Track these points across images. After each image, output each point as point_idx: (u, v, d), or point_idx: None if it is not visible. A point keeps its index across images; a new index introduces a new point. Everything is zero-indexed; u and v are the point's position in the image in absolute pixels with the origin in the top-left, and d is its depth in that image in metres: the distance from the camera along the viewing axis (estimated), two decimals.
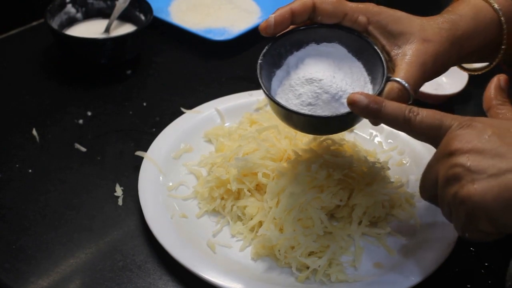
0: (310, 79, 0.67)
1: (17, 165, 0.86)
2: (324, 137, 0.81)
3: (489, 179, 0.53)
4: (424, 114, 0.60)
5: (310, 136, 0.82)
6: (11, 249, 0.75)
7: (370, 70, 0.69)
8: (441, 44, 0.67)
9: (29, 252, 0.74)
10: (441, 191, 0.58)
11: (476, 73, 0.78)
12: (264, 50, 0.70)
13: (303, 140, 0.83)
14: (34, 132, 0.91)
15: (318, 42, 0.71)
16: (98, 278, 0.72)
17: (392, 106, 0.62)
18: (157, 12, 1.12)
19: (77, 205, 0.81)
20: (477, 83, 1.05)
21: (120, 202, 0.81)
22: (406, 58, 0.67)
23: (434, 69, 0.68)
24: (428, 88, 1.01)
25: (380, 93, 0.65)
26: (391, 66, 0.68)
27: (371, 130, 0.93)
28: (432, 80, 1.05)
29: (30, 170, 0.85)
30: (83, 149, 0.89)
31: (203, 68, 1.09)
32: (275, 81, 0.70)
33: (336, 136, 0.84)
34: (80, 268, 0.73)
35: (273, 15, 0.68)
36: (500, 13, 0.71)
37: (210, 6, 1.22)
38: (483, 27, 0.70)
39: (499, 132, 0.56)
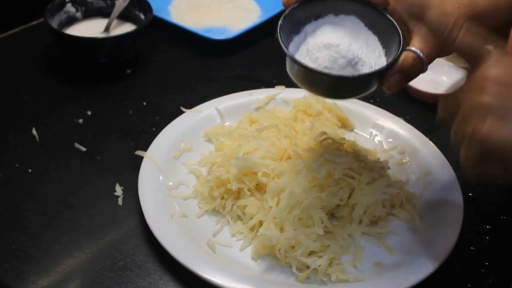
0: (328, 43, 0.68)
1: (16, 165, 0.86)
2: (324, 136, 0.81)
3: None
4: (469, 32, 0.57)
5: (311, 136, 0.82)
6: (11, 248, 0.74)
7: (386, 43, 0.70)
8: (458, 18, 0.67)
9: (28, 251, 0.74)
10: (462, 120, 0.54)
11: None
12: (285, 13, 0.69)
13: (303, 139, 0.83)
14: (34, 131, 0.91)
15: (336, 13, 0.71)
16: (98, 277, 0.72)
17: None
18: (157, 11, 1.12)
19: (77, 205, 0.81)
20: None
21: (120, 201, 0.81)
22: (422, 29, 0.67)
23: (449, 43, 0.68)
24: (428, 87, 1.01)
25: (395, 61, 0.66)
26: (408, 38, 0.68)
27: (371, 130, 0.93)
28: (432, 79, 1.06)
29: (29, 170, 0.85)
30: (83, 149, 0.89)
31: (203, 67, 1.09)
32: (291, 46, 0.70)
33: (336, 135, 0.84)
34: (80, 268, 0.73)
35: None
36: None
37: (210, 5, 1.22)
38: (502, 6, 0.69)
39: None
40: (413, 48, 0.66)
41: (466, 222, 0.77)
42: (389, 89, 0.67)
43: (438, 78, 1.05)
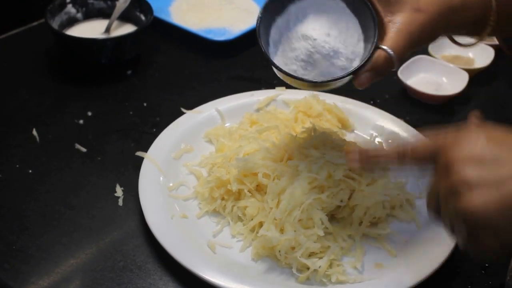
0: (305, 35, 0.69)
1: (17, 165, 0.86)
2: (324, 137, 0.81)
3: (490, 189, 0.51)
4: (416, 143, 0.60)
5: (311, 136, 0.82)
6: (11, 249, 0.74)
7: (364, 28, 0.71)
8: (431, 15, 0.69)
9: (29, 252, 0.74)
10: (442, 207, 0.55)
11: (464, 47, 0.80)
12: (266, 2, 0.71)
13: (304, 140, 0.83)
14: (34, 132, 0.91)
15: None
16: (98, 278, 0.72)
17: (385, 151, 0.63)
18: (158, 12, 1.12)
19: (77, 205, 0.81)
20: (477, 83, 1.05)
21: (120, 202, 0.81)
22: (395, 26, 0.69)
23: (421, 39, 0.70)
24: (429, 88, 1.02)
25: (368, 59, 0.68)
26: (383, 32, 0.70)
27: (371, 131, 0.93)
28: (433, 81, 1.06)
29: (30, 170, 0.85)
30: (83, 149, 0.89)
31: (203, 68, 1.09)
32: (274, 29, 0.72)
33: (336, 136, 0.84)
34: (80, 268, 0.73)
35: None
36: None
37: (211, 6, 1.22)
38: (473, 2, 0.71)
39: (495, 138, 0.54)
40: (384, 47, 0.68)
41: None
42: (360, 86, 0.69)
43: (439, 79, 1.05)
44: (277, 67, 0.69)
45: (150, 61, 1.09)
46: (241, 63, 1.10)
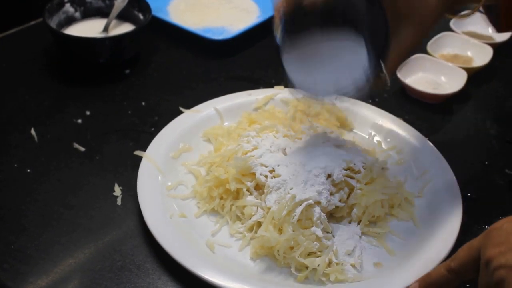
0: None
1: (15, 165, 0.86)
2: (323, 136, 0.81)
3: None
4: (457, 254, 0.60)
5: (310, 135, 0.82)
6: (10, 249, 0.74)
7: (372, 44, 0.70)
8: (432, 25, 0.70)
9: (27, 252, 0.74)
10: None
11: (460, 18, 0.81)
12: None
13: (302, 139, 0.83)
14: (33, 131, 0.91)
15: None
16: (97, 278, 0.72)
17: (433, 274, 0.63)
18: (156, 12, 1.12)
19: (76, 205, 0.81)
20: (476, 82, 1.05)
21: (119, 201, 0.81)
22: (397, 44, 0.68)
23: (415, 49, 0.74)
24: (427, 87, 1.02)
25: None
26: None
27: (370, 130, 0.93)
28: (431, 80, 1.06)
29: (28, 170, 0.85)
30: (82, 149, 0.89)
31: (202, 68, 1.09)
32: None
33: (335, 136, 0.84)
34: (78, 268, 0.73)
35: None
36: None
37: (209, 5, 1.22)
38: None
39: None
40: (384, 72, 0.69)
41: (465, 222, 0.77)
42: None
43: (437, 78, 1.05)
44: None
45: (149, 61, 1.09)
46: (240, 63, 1.10)
